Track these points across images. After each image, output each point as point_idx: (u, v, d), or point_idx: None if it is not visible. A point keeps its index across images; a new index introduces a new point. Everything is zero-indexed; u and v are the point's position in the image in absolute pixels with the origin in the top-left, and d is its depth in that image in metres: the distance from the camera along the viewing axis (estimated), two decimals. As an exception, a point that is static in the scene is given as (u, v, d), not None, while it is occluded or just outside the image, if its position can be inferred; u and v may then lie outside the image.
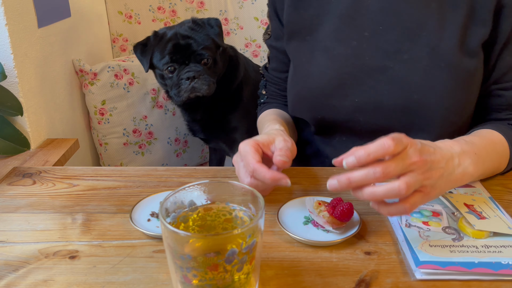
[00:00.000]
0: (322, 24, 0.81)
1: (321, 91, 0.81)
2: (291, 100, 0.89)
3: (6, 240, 0.63)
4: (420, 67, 0.75)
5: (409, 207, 0.54)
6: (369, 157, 0.53)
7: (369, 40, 0.77)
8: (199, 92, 1.23)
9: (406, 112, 0.77)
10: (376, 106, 0.79)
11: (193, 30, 1.25)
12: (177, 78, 1.24)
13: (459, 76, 0.74)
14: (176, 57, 1.22)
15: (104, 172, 0.83)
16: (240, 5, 1.73)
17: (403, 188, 0.52)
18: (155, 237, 0.63)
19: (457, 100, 0.76)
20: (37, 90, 1.11)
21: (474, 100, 0.79)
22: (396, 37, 0.76)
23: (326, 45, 0.80)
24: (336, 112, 0.82)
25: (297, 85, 0.86)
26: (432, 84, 0.75)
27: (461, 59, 0.74)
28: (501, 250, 0.58)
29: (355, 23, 0.77)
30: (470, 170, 0.62)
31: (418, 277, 0.54)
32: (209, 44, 1.24)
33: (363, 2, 0.77)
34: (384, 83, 0.77)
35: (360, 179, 0.53)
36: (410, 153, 0.54)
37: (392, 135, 0.54)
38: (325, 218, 0.61)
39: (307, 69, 0.83)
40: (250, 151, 0.64)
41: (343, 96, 0.80)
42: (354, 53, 0.78)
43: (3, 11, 0.96)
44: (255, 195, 0.50)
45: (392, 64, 0.76)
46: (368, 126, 0.81)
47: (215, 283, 0.46)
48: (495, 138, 0.72)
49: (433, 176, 0.56)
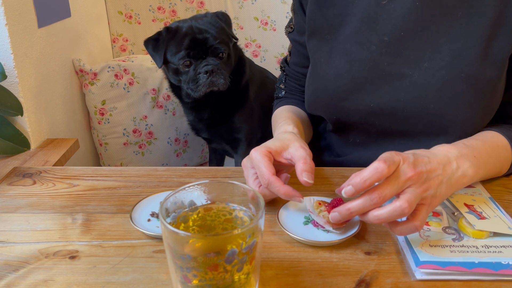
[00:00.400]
0: (343, 25, 0.79)
1: (336, 94, 0.80)
2: (308, 99, 0.88)
3: (6, 240, 0.63)
4: (440, 76, 0.73)
5: (419, 224, 0.55)
6: (365, 183, 0.54)
7: (389, 45, 0.75)
8: (217, 86, 1.22)
9: (422, 120, 0.76)
10: (391, 112, 0.77)
11: (209, 23, 1.23)
12: (194, 72, 1.22)
13: (479, 87, 0.72)
14: (193, 52, 1.21)
15: (104, 172, 0.83)
16: (240, 5, 1.73)
17: (405, 207, 0.53)
18: (155, 237, 0.63)
19: (475, 111, 0.73)
20: (37, 90, 1.11)
21: (495, 110, 0.77)
22: (417, 44, 0.74)
23: (346, 47, 0.79)
24: (350, 115, 0.81)
25: (314, 85, 0.85)
26: (451, 95, 0.73)
27: (483, 70, 0.71)
28: (501, 250, 0.58)
29: (376, 27, 0.75)
30: (470, 173, 0.62)
31: (418, 277, 0.54)
32: (224, 38, 1.24)
33: (386, 6, 0.74)
34: (401, 90, 0.75)
35: (359, 208, 0.55)
36: (403, 169, 0.55)
37: (383, 156, 0.55)
38: (325, 218, 0.61)
39: (325, 70, 0.82)
40: (264, 162, 0.64)
41: (359, 100, 0.79)
42: (373, 58, 0.76)
43: (3, 11, 0.96)
44: (255, 195, 0.50)
45: (411, 71, 0.75)
46: (384, 129, 0.80)
47: (215, 283, 0.46)
48: (499, 142, 0.71)
49: (432, 185, 0.56)
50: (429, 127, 0.76)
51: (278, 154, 0.67)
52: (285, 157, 0.67)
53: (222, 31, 1.24)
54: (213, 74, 1.20)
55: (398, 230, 0.56)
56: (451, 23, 0.72)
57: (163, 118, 1.58)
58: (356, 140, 0.86)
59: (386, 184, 0.54)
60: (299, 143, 0.68)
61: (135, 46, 1.77)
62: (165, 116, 1.58)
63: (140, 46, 1.76)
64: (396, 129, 0.79)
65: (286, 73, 1.00)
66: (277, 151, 0.67)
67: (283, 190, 0.61)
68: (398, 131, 0.79)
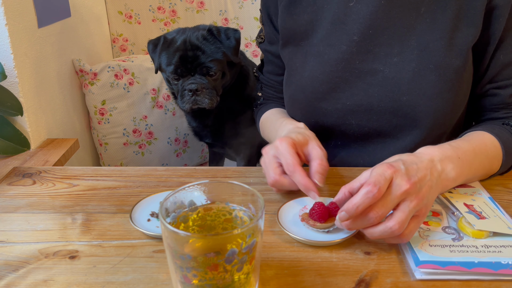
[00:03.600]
0: (315, 29, 0.82)
1: (313, 95, 0.83)
2: (286, 103, 0.91)
3: (6, 240, 0.63)
4: (410, 69, 0.76)
5: (405, 238, 0.57)
6: (358, 209, 0.55)
7: (359, 44, 0.78)
8: (201, 105, 1.21)
9: (396, 114, 0.78)
10: (367, 108, 0.80)
11: (205, 39, 1.20)
12: (181, 87, 1.22)
13: (447, 77, 0.75)
14: (181, 68, 1.20)
15: (104, 172, 0.83)
16: (240, 5, 1.73)
17: (395, 229, 0.55)
18: (155, 237, 0.63)
19: (445, 102, 0.76)
20: (37, 90, 1.11)
21: (464, 101, 0.80)
22: (386, 41, 0.77)
23: (319, 50, 0.81)
24: (328, 116, 0.83)
25: (291, 89, 0.87)
26: (421, 86, 0.75)
27: (450, 60, 0.74)
28: (500, 250, 0.58)
29: (346, 27, 0.78)
30: (452, 175, 0.62)
31: (418, 277, 0.54)
32: (219, 57, 1.20)
33: (354, 7, 0.77)
34: (375, 86, 0.78)
35: (357, 227, 0.58)
36: (398, 183, 0.55)
37: (373, 175, 0.55)
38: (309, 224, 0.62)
39: (301, 74, 0.84)
40: (291, 151, 0.67)
41: (335, 100, 0.81)
42: (344, 57, 0.79)
43: (3, 11, 0.96)
44: (255, 195, 0.50)
45: (382, 67, 0.77)
46: (361, 129, 0.82)
47: (215, 283, 0.46)
48: (486, 140, 0.72)
49: (425, 194, 0.57)
50: (404, 120, 0.79)
51: (300, 147, 0.70)
52: (304, 152, 0.71)
53: (218, 50, 1.20)
54: (197, 93, 1.19)
55: (388, 240, 0.58)
56: (416, 18, 0.75)
57: (163, 118, 1.58)
58: (338, 143, 0.88)
59: (383, 202, 0.55)
60: (316, 141, 0.72)
61: (135, 46, 1.77)
62: (165, 116, 1.58)
63: (140, 46, 1.76)
64: (373, 126, 0.81)
65: (262, 81, 1.02)
66: (301, 143, 0.71)
67: (304, 182, 0.64)
68: (375, 128, 0.81)
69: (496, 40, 0.75)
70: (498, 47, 0.75)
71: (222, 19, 1.74)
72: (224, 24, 1.73)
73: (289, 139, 0.69)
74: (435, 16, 0.74)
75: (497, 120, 0.79)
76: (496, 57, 0.76)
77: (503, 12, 0.73)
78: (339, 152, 0.88)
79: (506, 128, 0.76)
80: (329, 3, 0.79)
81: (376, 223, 0.55)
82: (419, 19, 0.75)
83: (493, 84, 0.79)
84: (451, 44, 0.74)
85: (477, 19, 0.73)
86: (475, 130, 0.76)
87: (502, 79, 0.78)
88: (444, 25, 0.74)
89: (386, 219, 0.55)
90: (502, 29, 0.74)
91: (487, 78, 0.79)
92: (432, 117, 0.77)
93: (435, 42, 0.74)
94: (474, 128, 0.77)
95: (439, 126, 0.78)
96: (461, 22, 0.74)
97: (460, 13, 0.73)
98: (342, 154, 0.87)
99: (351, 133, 0.84)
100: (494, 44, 0.75)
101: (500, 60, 0.76)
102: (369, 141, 0.84)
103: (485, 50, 0.76)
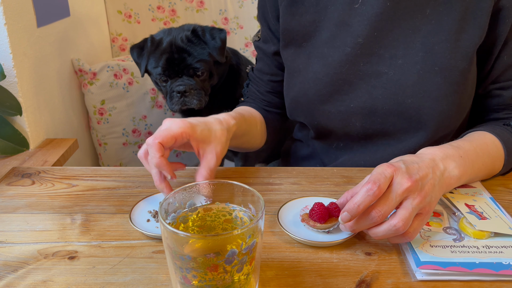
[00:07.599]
0: (318, 30, 0.81)
1: (317, 98, 0.82)
2: (288, 105, 0.90)
3: (5, 241, 0.63)
4: (414, 71, 0.75)
5: (410, 236, 0.56)
6: (359, 208, 0.54)
7: (363, 46, 0.77)
8: (190, 105, 1.23)
9: (401, 116, 0.78)
10: (371, 111, 0.79)
11: (190, 41, 1.21)
12: (170, 89, 1.23)
13: (453, 79, 0.74)
14: (168, 71, 1.21)
15: (104, 172, 0.82)
16: (240, 5, 1.72)
17: (399, 226, 0.54)
18: (154, 237, 0.62)
19: (450, 104, 0.76)
20: (36, 90, 1.11)
21: (468, 103, 0.80)
22: (391, 42, 0.76)
23: (323, 52, 0.81)
24: (332, 118, 0.83)
25: (293, 91, 0.86)
26: (426, 88, 0.75)
27: (455, 63, 0.74)
28: (502, 250, 0.58)
29: (350, 29, 0.78)
30: (456, 173, 0.62)
31: (419, 278, 0.54)
32: (205, 58, 1.21)
33: (359, 8, 0.77)
34: (379, 88, 0.78)
35: (361, 228, 0.57)
36: (399, 181, 0.55)
37: (373, 174, 0.55)
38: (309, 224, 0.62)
39: (304, 76, 0.83)
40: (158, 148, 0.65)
41: (339, 102, 0.81)
42: (349, 59, 0.78)
43: (2, 10, 0.96)
44: (255, 195, 0.49)
45: (386, 69, 0.77)
46: (364, 130, 0.82)
47: (215, 283, 0.45)
48: (487, 140, 0.72)
49: (428, 191, 0.57)
50: (408, 123, 0.78)
51: (195, 139, 0.69)
52: (200, 147, 0.69)
53: (204, 50, 1.21)
54: (186, 94, 1.21)
55: (393, 240, 0.58)
56: (421, 20, 0.74)
57: (162, 118, 1.57)
58: (340, 145, 0.87)
59: (384, 201, 0.55)
60: (219, 145, 0.70)
61: (135, 46, 1.76)
62: (164, 116, 1.58)
63: (139, 46, 1.76)
64: (377, 128, 0.81)
65: (250, 78, 1.01)
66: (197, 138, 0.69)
67: (157, 184, 0.67)
68: (379, 130, 0.81)
69: (502, 41, 0.74)
70: (503, 48, 0.75)
71: (222, 18, 1.73)
72: (224, 24, 1.73)
73: (185, 123, 0.67)
74: (440, 17, 0.74)
75: (498, 121, 0.79)
76: (500, 58, 0.76)
77: (509, 13, 0.72)
78: (341, 154, 0.88)
79: (507, 128, 0.76)
80: (333, 4, 0.79)
81: (379, 222, 0.55)
82: (425, 20, 0.74)
83: (496, 85, 0.78)
84: (457, 46, 0.73)
85: (484, 20, 0.72)
86: (476, 130, 0.76)
87: (505, 80, 0.78)
88: (450, 26, 0.73)
89: (390, 218, 0.55)
90: (508, 30, 0.73)
91: (490, 79, 0.78)
92: (437, 120, 0.76)
93: (441, 44, 0.74)
94: (475, 128, 0.77)
95: (444, 128, 0.78)
96: (467, 24, 0.73)
97: (466, 14, 0.73)
98: (345, 156, 0.87)
99: (354, 135, 0.83)
100: (499, 45, 0.75)
101: (504, 60, 0.76)
102: (373, 143, 0.83)
103: (490, 51, 0.76)
